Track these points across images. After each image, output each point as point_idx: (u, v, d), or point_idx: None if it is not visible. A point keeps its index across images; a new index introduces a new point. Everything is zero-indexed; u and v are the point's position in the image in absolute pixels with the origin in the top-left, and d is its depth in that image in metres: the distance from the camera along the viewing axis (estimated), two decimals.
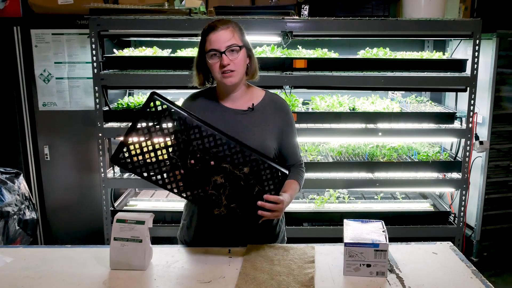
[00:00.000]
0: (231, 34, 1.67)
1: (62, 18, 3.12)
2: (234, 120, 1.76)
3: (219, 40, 1.65)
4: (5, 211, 2.70)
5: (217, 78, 1.72)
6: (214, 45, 1.66)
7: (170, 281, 1.52)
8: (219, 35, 1.65)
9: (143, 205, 3.20)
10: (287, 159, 1.85)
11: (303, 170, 1.89)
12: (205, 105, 1.80)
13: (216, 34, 1.66)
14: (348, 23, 2.83)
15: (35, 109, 3.26)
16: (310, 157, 3.08)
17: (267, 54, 3.03)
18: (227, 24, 1.68)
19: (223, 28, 1.66)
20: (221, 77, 1.69)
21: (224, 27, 1.67)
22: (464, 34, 2.89)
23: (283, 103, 1.85)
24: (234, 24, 1.71)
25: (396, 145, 3.18)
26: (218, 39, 1.65)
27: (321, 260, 1.64)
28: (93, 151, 3.21)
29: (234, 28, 1.69)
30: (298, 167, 1.88)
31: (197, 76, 1.78)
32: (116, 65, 2.97)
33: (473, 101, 2.88)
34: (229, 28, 1.67)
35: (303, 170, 1.89)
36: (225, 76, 1.68)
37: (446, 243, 1.80)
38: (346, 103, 3.08)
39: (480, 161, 3.20)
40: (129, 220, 1.58)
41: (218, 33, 1.66)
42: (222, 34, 1.65)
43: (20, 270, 1.59)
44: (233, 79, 1.69)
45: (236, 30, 1.69)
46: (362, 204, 3.18)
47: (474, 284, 1.50)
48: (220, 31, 1.66)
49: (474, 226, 3.28)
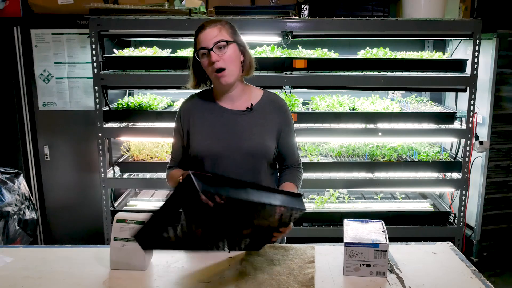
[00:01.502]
0: (218, 30, 1.68)
1: (62, 18, 3.12)
2: (233, 121, 1.76)
3: (206, 38, 1.67)
4: (5, 211, 2.70)
5: (213, 79, 1.72)
6: (202, 44, 1.67)
7: (170, 281, 1.52)
8: (206, 33, 1.67)
9: (143, 205, 3.20)
10: (285, 159, 1.85)
11: (300, 171, 1.89)
12: (204, 107, 1.80)
13: (203, 32, 1.68)
14: (348, 23, 2.83)
15: (35, 109, 3.26)
16: (310, 157, 3.08)
17: (267, 54, 3.03)
18: (215, 23, 1.70)
19: (210, 27, 1.68)
20: (215, 77, 1.70)
21: (211, 25, 1.68)
22: (464, 34, 2.89)
23: (281, 102, 1.84)
24: (223, 22, 1.72)
25: (396, 145, 3.18)
26: (205, 37, 1.67)
27: (321, 260, 1.64)
28: (93, 151, 3.21)
29: (223, 25, 1.70)
30: (296, 168, 1.87)
31: (193, 79, 1.79)
32: (116, 65, 2.97)
33: (473, 101, 2.88)
34: (217, 26, 1.68)
35: (300, 171, 1.89)
36: (218, 76, 1.68)
37: (446, 243, 1.80)
38: (346, 103, 3.08)
39: (480, 161, 3.20)
40: (129, 220, 1.58)
41: (205, 32, 1.67)
42: (209, 32, 1.67)
43: (20, 270, 1.59)
44: (227, 78, 1.69)
45: (224, 27, 1.70)
46: (362, 204, 3.18)
47: (474, 284, 1.50)
48: (207, 29, 1.67)
49: (474, 226, 3.28)
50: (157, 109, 3.06)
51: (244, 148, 1.73)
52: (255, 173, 1.75)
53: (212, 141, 1.74)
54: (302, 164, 1.91)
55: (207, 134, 1.76)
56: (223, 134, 1.74)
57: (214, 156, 1.73)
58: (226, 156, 1.72)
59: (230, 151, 1.72)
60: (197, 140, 1.76)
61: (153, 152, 3.13)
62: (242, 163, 1.73)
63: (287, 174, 1.86)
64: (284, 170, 1.87)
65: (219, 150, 1.73)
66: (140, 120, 2.96)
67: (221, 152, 1.73)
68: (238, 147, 1.73)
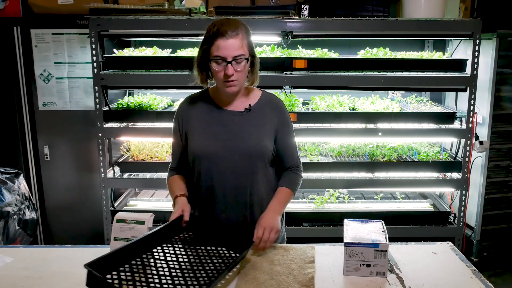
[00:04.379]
0: (240, 43, 1.61)
1: (62, 18, 3.12)
2: (231, 121, 1.75)
3: (227, 48, 1.60)
4: (5, 211, 2.70)
5: (219, 84, 1.70)
6: (221, 52, 1.61)
7: None
8: (228, 43, 1.60)
9: (143, 205, 3.20)
10: (283, 161, 1.83)
11: (298, 173, 1.86)
12: (202, 107, 1.79)
13: (225, 41, 1.59)
14: (348, 23, 2.83)
15: (35, 109, 3.26)
16: (310, 157, 3.08)
17: (267, 54, 3.03)
18: (237, 31, 1.62)
19: (232, 36, 1.60)
20: (223, 85, 1.67)
21: (233, 34, 1.60)
22: (464, 34, 2.89)
23: (279, 103, 1.84)
24: (243, 28, 1.65)
25: (396, 145, 3.18)
26: (226, 47, 1.60)
27: (321, 260, 1.64)
28: (93, 151, 3.20)
29: (244, 35, 1.64)
30: (294, 170, 1.85)
31: (199, 75, 1.74)
32: (116, 65, 2.97)
33: (473, 101, 2.88)
34: (239, 36, 1.61)
35: (298, 173, 1.86)
36: (227, 85, 1.66)
37: (446, 243, 1.80)
38: (346, 103, 3.08)
39: (480, 161, 3.20)
40: (129, 220, 1.58)
41: (228, 41, 1.60)
42: (232, 43, 1.60)
43: (20, 270, 1.59)
44: (235, 88, 1.68)
45: (245, 37, 1.64)
46: (362, 204, 3.18)
47: (474, 284, 1.50)
48: (230, 39, 1.60)
49: (474, 226, 3.28)
50: (157, 109, 3.06)
51: (242, 149, 1.72)
52: (252, 174, 1.74)
53: (209, 141, 1.74)
54: (301, 166, 1.89)
55: (205, 134, 1.75)
56: (221, 134, 1.74)
57: (211, 156, 1.73)
58: (223, 156, 1.72)
59: (227, 151, 1.72)
60: (195, 140, 1.76)
61: (153, 152, 3.13)
62: (240, 163, 1.72)
63: (285, 177, 1.84)
64: (282, 172, 1.86)
65: (216, 150, 1.72)
66: (140, 120, 2.96)
67: (219, 152, 1.72)
68: (236, 147, 1.72)
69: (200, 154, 1.74)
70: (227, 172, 1.72)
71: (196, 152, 1.75)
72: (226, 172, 1.72)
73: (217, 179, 1.73)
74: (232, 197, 1.75)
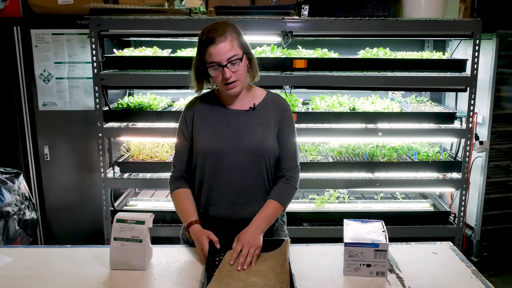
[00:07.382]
0: (230, 45, 1.64)
1: (62, 18, 3.12)
2: (236, 120, 1.77)
3: (219, 53, 1.63)
4: (5, 211, 2.70)
5: (221, 88, 1.73)
6: (214, 58, 1.64)
7: (170, 281, 1.52)
8: (219, 48, 1.63)
9: (143, 205, 3.20)
10: (280, 160, 1.81)
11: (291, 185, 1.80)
12: (208, 107, 1.82)
13: (215, 47, 1.63)
14: (348, 23, 2.83)
15: (35, 109, 3.26)
16: (310, 157, 3.08)
17: (267, 54, 3.03)
18: (224, 34, 1.64)
19: (221, 40, 1.63)
20: (225, 88, 1.70)
21: (222, 38, 1.63)
22: (464, 34, 2.89)
23: (283, 102, 1.86)
24: (231, 29, 1.67)
25: (396, 145, 3.18)
26: (218, 53, 1.63)
27: (321, 260, 1.64)
28: (93, 151, 3.21)
29: (232, 35, 1.66)
30: (289, 178, 1.80)
31: (196, 82, 1.76)
32: (116, 65, 2.97)
33: (473, 101, 2.88)
34: (227, 38, 1.64)
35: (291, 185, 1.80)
36: (229, 88, 1.69)
37: (446, 243, 1.80)
38: (346, 103, 3.08)
39: (480, 161, 3.20)
40: (129, 220, 1.58)
41: (218, 46, 1.63)
42: (222, 47, 1.63)
43: (20, 270, 1.59)
44: (237, 89, 1.71)
45: (234, 37, 1.66)
46: (362, 204, 3.18)
47: (474, 284, 1.51)
48: (220, 44, 1.63)
49: (474, 226, 3.28)
50: (157, 109, 3.06)
51: (246, 146, 1.74)
52: (258, 171, 1.76)
53: (215, 139, 1.76)
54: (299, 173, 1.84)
55: (211, 132, 1.77)
56: (226, 132, 1.76)
57: (218, 153, 1.74)
58: (229, 154, 1.74)
59: (232, 149, 1.74)
60: (201, 139, 1.78)
61: (153, 152, 3.13)
62: (245, 161, 1.74)
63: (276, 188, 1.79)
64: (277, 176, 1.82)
65: (222, 148, 1.74)
66: (140, 120, 2.96)
67: (224, 150, 1.74)
68: (241, 145, 1.74)
69: (206, 152, 1.75)
70: (233, 170, 1.74)
71: (203, 149, 1.76)
72: (231, 170, 1.74)
73: (223, 177, 1.75)
74: (237, 195, 1.75)
